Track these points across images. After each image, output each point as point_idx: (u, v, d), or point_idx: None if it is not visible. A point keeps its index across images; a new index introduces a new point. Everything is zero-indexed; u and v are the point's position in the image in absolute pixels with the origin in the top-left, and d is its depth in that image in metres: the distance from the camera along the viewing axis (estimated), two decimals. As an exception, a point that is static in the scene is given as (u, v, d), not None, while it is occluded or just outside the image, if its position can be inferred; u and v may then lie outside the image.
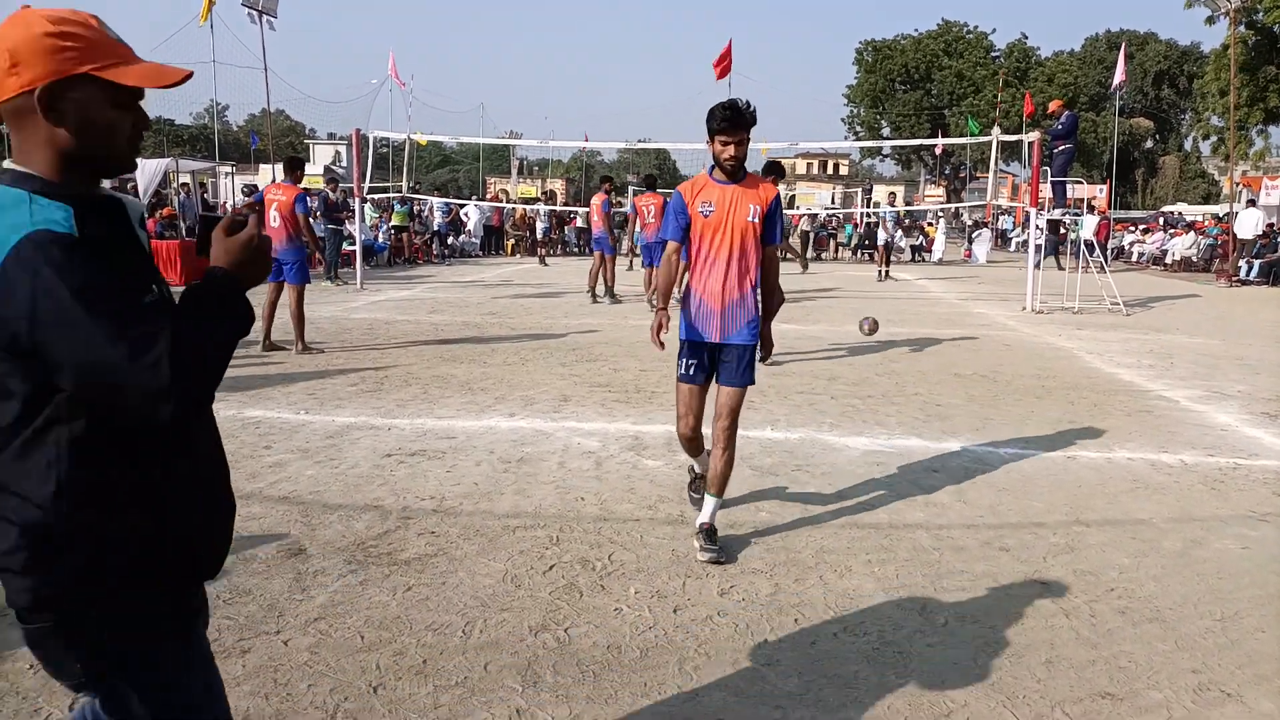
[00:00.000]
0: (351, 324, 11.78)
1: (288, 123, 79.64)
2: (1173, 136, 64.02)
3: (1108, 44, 61.14)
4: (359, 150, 17.15)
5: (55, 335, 1.31)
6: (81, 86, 1.41)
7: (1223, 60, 30.01)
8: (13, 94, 1.40)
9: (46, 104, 1.40)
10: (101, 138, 1.45)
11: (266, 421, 6.38)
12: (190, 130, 69.34)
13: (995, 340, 11.20)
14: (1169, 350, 10.64)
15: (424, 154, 62.97)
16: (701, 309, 4.14)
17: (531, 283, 18.73)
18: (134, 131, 1.49)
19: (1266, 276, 21.18)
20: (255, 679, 2.98)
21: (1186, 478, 5.48)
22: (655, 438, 6.15)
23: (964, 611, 3.61)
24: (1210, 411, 7.34)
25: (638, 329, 11.53)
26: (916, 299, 16.72)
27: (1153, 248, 28.83)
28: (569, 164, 76.08)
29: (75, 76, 1.40)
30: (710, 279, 4.12)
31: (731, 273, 4.10)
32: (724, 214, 4.08)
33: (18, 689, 2.90)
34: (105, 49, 1.43)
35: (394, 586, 3.72)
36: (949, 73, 57.35)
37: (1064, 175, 15.12)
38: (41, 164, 1.43)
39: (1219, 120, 35.97)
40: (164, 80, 1.45)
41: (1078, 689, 3.04)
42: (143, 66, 1.45)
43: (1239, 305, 16.74)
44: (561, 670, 3.09)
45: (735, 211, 4.07)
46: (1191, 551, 4.30)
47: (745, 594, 3.74)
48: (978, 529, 4.55)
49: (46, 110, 1.40)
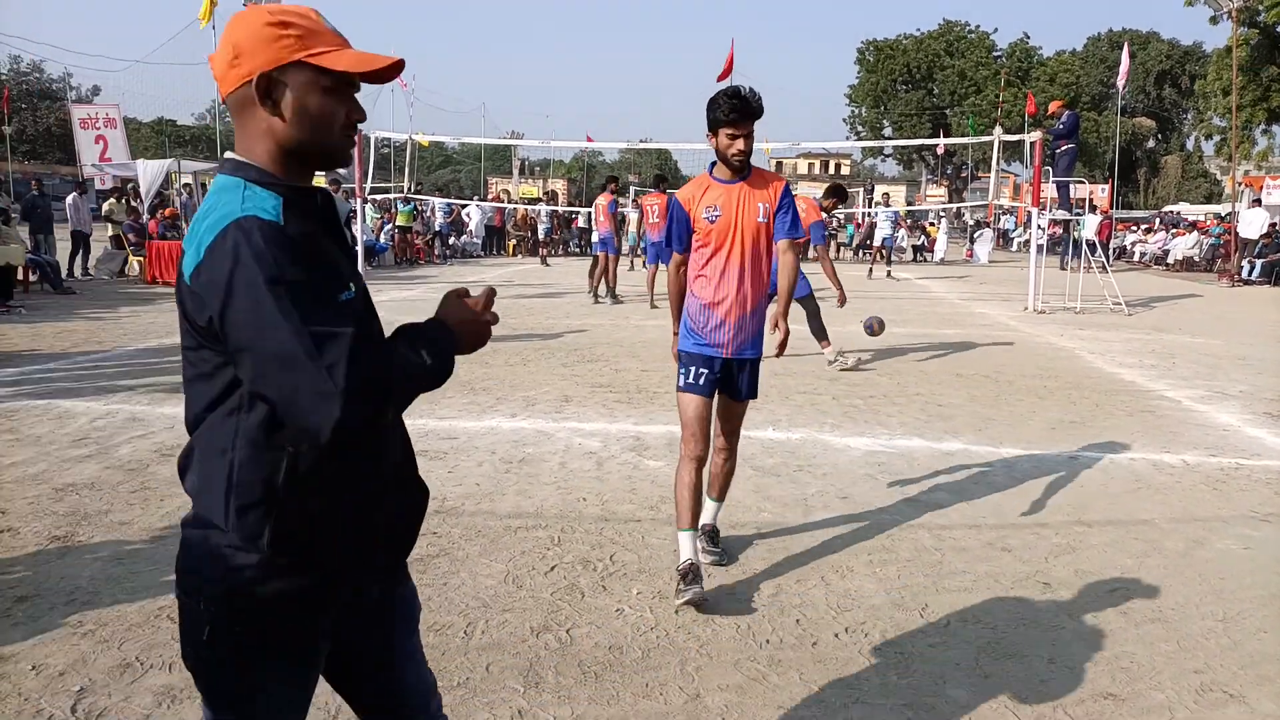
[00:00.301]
0: (353, 324, 11.76)
1: (289, 123, 79.59)
2: (1175, 136, 63.94)
3: (1109, 43, 61.09)
4: (360, 151, 17.14)
5: (243, 320, 1.33)
6: (295, 74, 1.44)
7: (1225, 60, 29.98)
8: (235, 86, 1.45)
9: (263, 91, 1.44)
10: (315, 126, 1.47)
11: (268, 422, 6.37)
12: (192, 131, 69.40)
13: (997, 340, 11.19)
14: (1171, 350, 10.63)
15: (426, 154, 63.02)
16: (711, 322, 3.75)
17: (533, 283, 18.73)
18: (347, 122, 1.50)
19: (1268, 276, 21.15)
20: (257, 680, 2.98)
21: (1188, 478, 5.48)
22: (656, 438, 6.14)
23: (966, 612, 3.61)
24: (1212, 411, 7.33)
25: (639, 329, 11.52)
26: (918, 299, 16.71)
27: (1154, 247, 28.81)
28: (570, 164, 76.10)
29: (289, 64, 1.43)
30: (720, 290, 3.72)
31: (745, 282, 3.72)
32: (732, 217, 3.69)
33: (20, 689, 2.90)
34: (320, 38, 1.46)
35: (396, 587, 3.72)
36: (951, 72, 57.31)
37: (1068, 175, 15.10)
38: (260, 154, 1.47)
39: (1221, 120, 35.92)
40: (372, 65, 1.46)
41: (1080, 690, 3.03)
42: (352, 53, 1.48)
43: (1241, 305, 16.72)
44: (563, 671, 3.09)
45: (744, 213, 3.69)
46: (1194, 552, 4.29)
47: (747, 594, 3.74)
48: (979, 529, 4.54)
49: (263, 98, 1.44)
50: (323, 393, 1.30)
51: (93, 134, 24.56)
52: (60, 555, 3.99)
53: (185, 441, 1.55)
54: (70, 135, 27.67)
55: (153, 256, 16.82)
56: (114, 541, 4.15)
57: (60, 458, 5.44)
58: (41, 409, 6.69)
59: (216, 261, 1.34)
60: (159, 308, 13.20)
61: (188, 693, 2.89)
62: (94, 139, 24.49)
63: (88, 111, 26.29)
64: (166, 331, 10.73)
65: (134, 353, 9.28)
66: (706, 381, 3.77)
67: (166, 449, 5.59)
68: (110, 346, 9.62)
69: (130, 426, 6.17)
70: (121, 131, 25.17)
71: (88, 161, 23.94)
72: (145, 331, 10.75)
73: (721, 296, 3.73)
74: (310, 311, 1.33)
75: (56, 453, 5.55)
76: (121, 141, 25.06)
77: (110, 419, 6.38)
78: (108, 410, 6.64)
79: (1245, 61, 28.86)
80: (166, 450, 5.56)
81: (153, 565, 3.89)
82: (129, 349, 9.49)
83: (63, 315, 12.21)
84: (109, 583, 3.72)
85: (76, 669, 3.04)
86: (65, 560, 3.94)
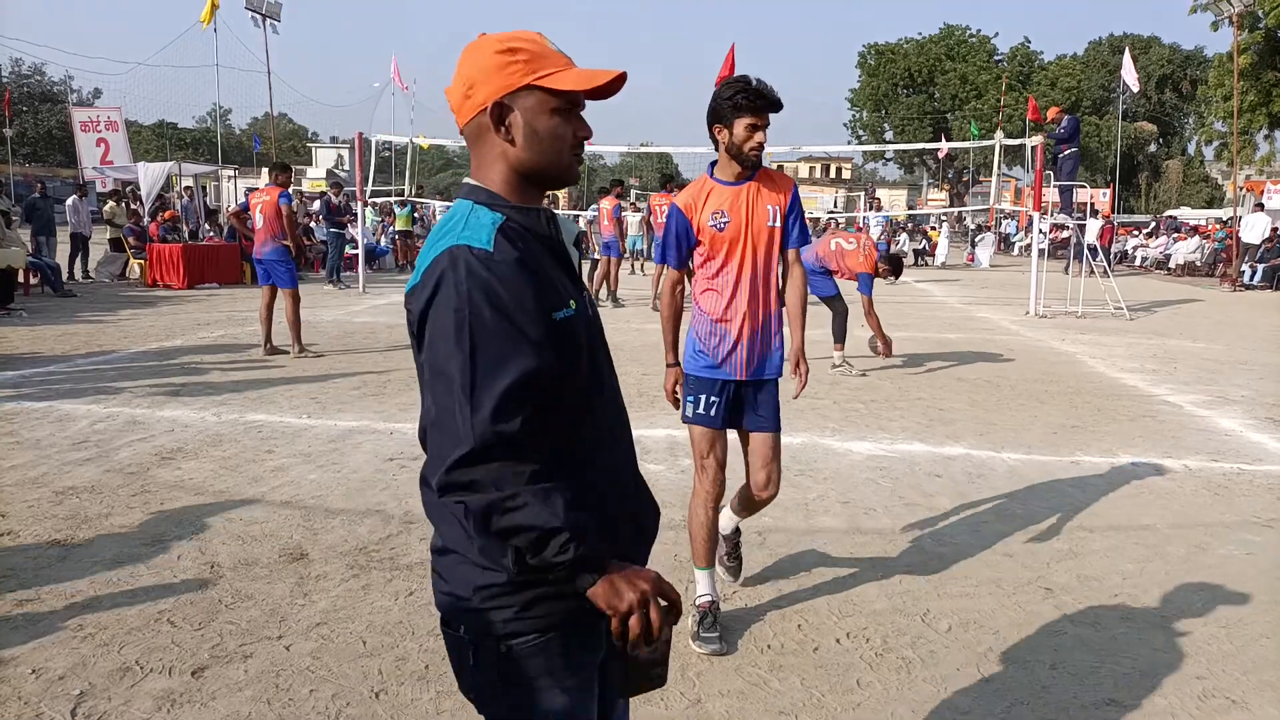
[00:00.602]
0: (354, 328, 11.78)
1: (290, 126, 79.81)
2: (1176, 141, 63.98)
3: (1110, 48, 61.09)
4: (361, 153, 17.18)
5: (430, 338, 1.39)
6: (525, 98, 1.47)
7: (1226, 65, 29.99)
8: (470, 116, 1.50)
9: (496, 118, 1.48)
10: (546, 147, 1.50)
11: (269, 425, 6.38)
12: (193, 134, 69.53)
13: (998, 345, 11.18)
14: (1172, 355, 10.62)
15: (426, 157, 63.01)
16: (723, 342, 3.36)
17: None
18: (576, 140, 1.53)
19: (1270, 281, 21.13)
20: (257, 684, 2.98)
21: (1190, 483, 5.47)
22: (656, 442, 6.14)
23: (967, 617, 3.60)
24: (1214, 417, 7.32)
25: (640, 333, 11.52)
26: (919, 303, 16.70)
27: (1156, 252, 28.80)
28: (571, 167, 76.01)
29: (518, 89, 1.47)
30: (733, 304, 3.35)
31: (759, 294, 3.36)
32: (742, 222, 3.31)
33: (20, 693, 2.90)
34: (547, 60, 1.49)
35: (396, 591, 3.72)
36: (952, 76, 57.34)
37: (1072, 180, 15.11)
38: (493, 178, 1.52)
39: (1222, 125, 35.95)
40: (595, 82, 1.48)
41: (1082, 696, 3.03)
42: (576, 71, 1.50)
43: (1242, 310, 16.71)
44: (564, 676, 3.07)
45: (754, 217, 3.32)
46: (1196, 557, 4.28)
47: (748, 599, 3.73)
48: (981, 534, 4.53)
49: (497, 125, 1.48)
50: (456, 433, 1.33)
51: (94, 137, 24.57)
52: (60, 558, 3.99)
53: (184, 445, 1.54)
54: (71, 138, 27.69)
55: (153, 259, 16.84)
56: (113, 545, 4.15)
57: (60, 461, 5.44)
58: (42, 412, 6.69)
59: (425, 282, 1.41)
60: (159, 310, 13.20)
61: (187, 697, 2.89)
62: (95, 142, 24.50)
63: (89, 115, 26.32)
64: (167, 334, 10.74)
65: (134, 355, 9.28)
66: (719, 411, 3.39)
67: (166, 452, 5.58)
68: (110, 349, 9.62)
69: (130, 430, 6.17)
70: (123, 134, 25.19)
71: (89, 164, 23.96)
72: (145, 334, 10.75)
73: (734, 311, 3.35)
74: (490, 349, 1.36)
75: (57, 456, 5.55)
76: (123, 144, 25.07)
77: (110, 422, 6.38)
78: (108, 413, 6.64)
79: (1247, 67, 28.88)
80: (166, 453, 5.56)
81: (153, 569, 3.89)
82: (129, 352, 9.49)
83: (63, 318, 12.21)
84: (109, 586, 3.71)
85: (76, 673, 3.03)
86: (65, 564, 3.93)
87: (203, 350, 9.64)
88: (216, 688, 2.95)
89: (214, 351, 9.58)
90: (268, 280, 9.38)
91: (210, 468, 5.32)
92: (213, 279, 17.03)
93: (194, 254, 17.02)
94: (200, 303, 14.33)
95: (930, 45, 59.23)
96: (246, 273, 17.64)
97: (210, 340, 10.37)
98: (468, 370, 1.34)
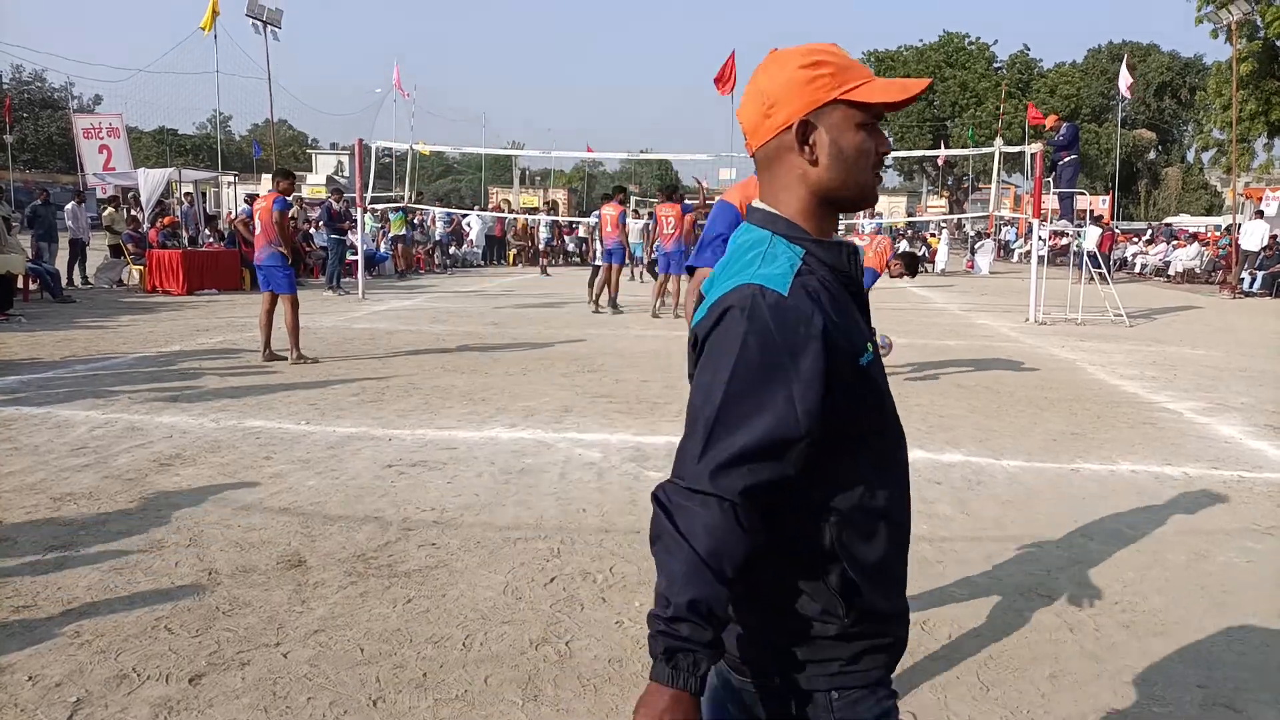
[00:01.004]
0: (353, 334, 11.78)
1: (290, 132, 79.96)
2: (1175, 148, 64.12)
3: (1110, 55, 61.26)
4: (361, 160, 17.20)
5: (701, 364, 1.35)
6: (829, 114, 1.39)
7: (1225, 74, 30.05)
8: (770, 136, 1.41)
9: (801, 137, 1.39)
10: (851, 165, 1.41)
11: (267, 432, 6.37)
12: (193, 140, 69.68)
13: (998, 351, 11.18)
14: (1172, 362, 10.62)
15: (426, 164, 63.10)
16: None
17: (533, 293, 18.74)
18: (878, 157, 1.44)
19: (1269, 288, 21.15)
20: (255, 692, 2.97)
21: (1190, 490, 5.46)
22: (657, 449, 6.13)
23: (967, 625, 3.59)
24: (1214, 424, 7.32)
25: (640, 339, 11.53)
26: (919, 310, 16.70)
27: (1156, 259, 28.83)
28: (571, 174, 76.34)
29: (824, 104, 1.39)
30: None
31: None
32: None
33: (16, 700, 2.89)
34: (852, 72, 1.41)
35: (394, 599, 3.71)
36: (952, 83, 57.46)
37: (1072, 187, 15.13)
38: (789, 203, 1.43)
39: (1220, 133, 36.00)
40: (906, 93, 1.40)
41: (1082, 703, 3.02)
42: (884, 82, 1.41)
43: (1242, 317, 16.72)
44: (562, 684, 3.07)
45: None
46: (1196, 565, 4.28)
47: (747, 607, 3.72)
48: (981, 541, 4.52)
49: (800, 144, 1.39)
50: (685, 463, 1.29)
51: (96, 143, 24.64)
52: (58, 565, 3.98)
53: (183, 451, 1.52)
54: (71, 144, 27.74)
55: (153, 265, 16.84)
56: (112, 552, 4.14)
57: (58, 467, 5.43)
58: (40, 418, 6.68)
59: (711, 313, 1.36)
60: (158, 317, 13.20)
61: (184, 704, 2.87)
62: (98, 148, 24.56)
63: (91, 121, 26.38)
64: (165, 340, 10.73)
65: (133, 362, 9.27)
66: None
67: (165, 459, 5.57)
68: (109, 355, 9.61)
69: (129, 436, 6.16)
70: (125, 141, 25.26)
71: (91, 171, 24.01)
72: (144, 340, 10.74)
73: None
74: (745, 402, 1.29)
75: (55, 462, 5.54)
76: (125, 151, 25.14)
77: (109, 428, 6.37)
78: (106, 419, 6.63)
79: (1246, 76, 28.93)
80: (165, 459, 5.55)
81: (150, 575, 3.88)
82: (128, 358, 9.48)
83: (62, 324, 12.21)
84: (106, 593, 3.70)
85: (73, 680, 3.02)
86: (62, 570, 3.92)
87: (202, 356, 9.64)
88: (214, 695, 2.94)
89: (213, 357, 9.57)
90: (268, 286, 9.39)
91: (209, 474, 5.31)
92: (212, 285, 17.03)
93: (193, 260, 17.02)
94: (199, 309, 14.33)
95: (930, 53, 59.39)
96: (246, 279, 17.67)
97: (209, 346, 10.37)
98: (714, 416, 1.29)
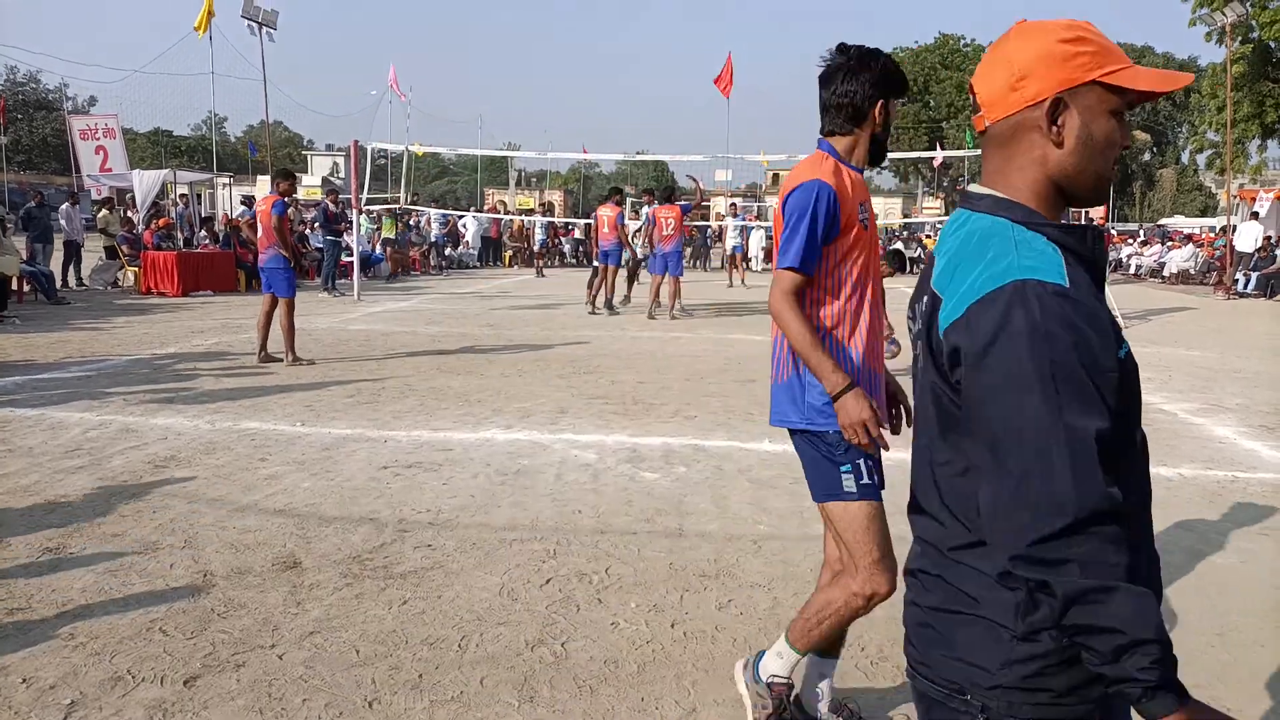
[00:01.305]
0: (348, 335, 11.77)
1: (286, 134, 79.94)
2: (1170, 150, 64.29)
3: (1104, 57, 61.43)
4: (357, 161, 17.17)
5: (988, 386, 1.20)
6: (1084, 95, 1.29)
7: (1219, 76, 30.13)
8: (1015, 110, 1.31)
9: (1051, 115, 1.29)
10: (1097, 153, 1.31)
11: (262, 433, 6.36)
12: (188, 141, 69.54)
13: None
14: (1167, 363, 10.64)
15: (422, 165, 63.09)
16: (870, 381, 2.59)
17: (528, 294, 18.73)
18: (1120, 150, 1.34)
19: (1264, 289, 21.21)
20: (250, 694, 2.96)
21: (1185, 491, 5.47)
22: (652, 450, 6.13)
23: (963, 626, 3.59)
24: (1208, 424, 7.33)
25: (635, 341, 11.53)
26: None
27: (1151, 260, 28.91)
28: (567, 175, 76.33)
29: (1082, 85, 1.28)
30: (873, 330, 2.59)
31: (879, 313, 2.66)
32: (872, 223, 2.62)
33: (10, 703, 2.88)
34: (1113, 55, 1.30)
35: (389, 600, 3.70)
36: (947, 84, 57.56)
37: None
38: (1021, 187, 1.32)
39: (1215, 135, 36.09)
40: (1170, 84, 1.30)
41: (1077, 704, 3.01)
42: (1154, 71, 1.32)
43: (1237, 318, 16.77)
44: (558, 685, 3.07)
45: (873, 218, 2.65)
46: (1190, 565, 4.28)
47: (743, 608, 3.72)
48: (976, 542, 4.52)
49: (1050, 123, 1.29)
50: (1047, 501, 1.13)
51: (93, 145, 24.56)
52: (52, 567, 3.97)
53: (178, 453, 1.49)
54: (66, 146, 27.68)
55: (147, 267, 16.82)
56: (106, 554, 4.13)
57: (53, 469, 5.41)
58: (34, 419, 6.67)
59: (978, 316, 1.21)
60: (153, 318, 13.18)
61: (179, 706, 2.87)
62: (94, 150, 24.49)
63: (87, 123, 26.29)
64: (160, 342, 10.71)
65: (128, 364, 9.25)
66: (880, 476, 2.65)
67: (160, 460, 5.56)
68: (104, 357, 9.59)
69: (123, 438, 6.14)
70: (120, 142, 25.18)
71: (88, 171, 23.95)
72: (139, 342, 10.72)
73: (870, 335, 2.58)
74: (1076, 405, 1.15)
75: (49, 464, 5.52)
76: (121, 152, 25.06)
77: (103, 430, 6.36)
78: (101, 421, 6.62)
79: (1240, 78, 28.99)
80: (159, 461, 5.54)
81: (145, 577, 3.87)
82: (123, 360, 9.46)
83: (57, 325, 12.18)
84: (101, 595, 3.69)
85: (67, 682, 3.01)
86: (57, 572, 3.91)
87: (196, 358, 9.62)
88: (209, 697, 2.94)
89: (208, 359, 9.56)
90: (270, 288, 9.39)
91: (204, 476, 5.30)
92: (207, 287, 17.01)
93: (188, 262, 17.00)
94: (194, 310, 14.31)
95: (925, 54, 59.46)
96: (241, 280, 17.65)
97: (204, 348, 10.35)
98: (1059, 429, 1.14)
